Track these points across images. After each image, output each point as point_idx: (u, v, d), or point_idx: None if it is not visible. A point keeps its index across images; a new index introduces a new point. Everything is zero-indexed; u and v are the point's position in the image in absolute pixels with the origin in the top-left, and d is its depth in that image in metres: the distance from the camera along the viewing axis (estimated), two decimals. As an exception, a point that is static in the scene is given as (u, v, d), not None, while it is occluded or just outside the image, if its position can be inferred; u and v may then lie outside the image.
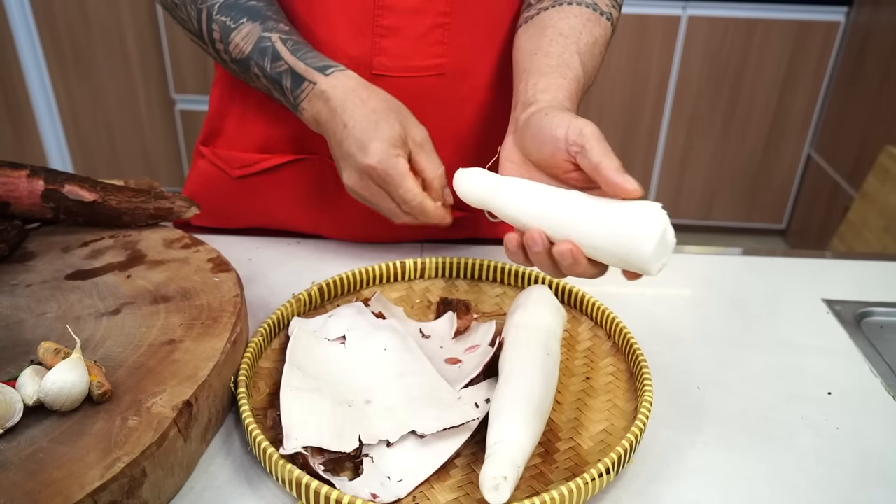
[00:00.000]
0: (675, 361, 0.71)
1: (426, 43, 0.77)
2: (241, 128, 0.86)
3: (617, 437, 0.60)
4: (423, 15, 0.76)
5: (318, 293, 0.74)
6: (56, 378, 0.52)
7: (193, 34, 0.77)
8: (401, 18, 0.75)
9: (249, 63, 0.73)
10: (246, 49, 0.72)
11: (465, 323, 0.71)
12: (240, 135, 0.86)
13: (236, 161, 0.87)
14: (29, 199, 0.73)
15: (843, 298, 0.82)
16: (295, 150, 0.85)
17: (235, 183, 0.88)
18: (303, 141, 0.83)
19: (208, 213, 0.93)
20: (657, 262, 0.50)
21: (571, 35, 0.71)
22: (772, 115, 2.61)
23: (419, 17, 0.76)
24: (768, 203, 2.78)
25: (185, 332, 0.62)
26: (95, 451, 0.50)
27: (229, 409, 0.62)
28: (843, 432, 0.64)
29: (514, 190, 0.57)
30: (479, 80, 0.81)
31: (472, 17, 0.77)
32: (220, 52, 0.75)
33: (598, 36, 0.72)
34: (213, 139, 0.89)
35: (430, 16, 0.76)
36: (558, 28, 0.71)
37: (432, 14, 0.76)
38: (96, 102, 2.72)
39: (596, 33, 0.72)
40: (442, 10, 0.76)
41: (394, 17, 0.75)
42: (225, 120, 0.87)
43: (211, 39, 0.75)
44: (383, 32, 0.75)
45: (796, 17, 2.44)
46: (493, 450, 0.54)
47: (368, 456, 0.56)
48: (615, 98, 2.60)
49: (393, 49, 0.76)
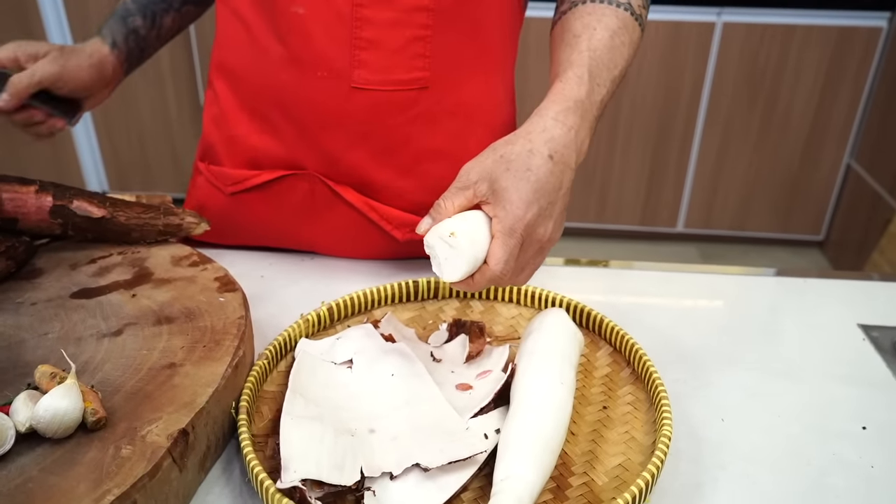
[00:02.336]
0: (697, 390, 0.68)
1: (407, 56, 0.75)
2: (232, 145, 0.85)
3: (633, 472, 0.57)
4: (402, 27, 0.74)
5: (328, 313, 0.72)
6: (49, 405, 0.51)
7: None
8: (380, 31, 0.73)
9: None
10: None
11: (478, 347, 0.69)
12: (231, 152, 0.86)
13: (228, 178, 0.86)
14: (37, 215, 0.72)
15: (880, 324, 0.78)
16: (284, 166, 0.83)
17: (230, 199, 0.87)
18: (292, 157, 0.82)
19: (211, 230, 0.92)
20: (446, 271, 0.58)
21: (584, 34, 0.68)
22: (810, 123, 2.53)
23: (399, 30, 0.74)
24: (806, 214, 2.70)
25: (187, 356, 0.60)
26: (86, 482, 0.48)
27: (230, 436, 0.61)
28: (879, 471, 0.59)
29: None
30: (464, 94, 0.78)
31: (454, 30, 0.75)
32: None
33: (615, 28, 0.69)
34: (208, 156, 0.89)
35: (411, 28, 0.74)
36: (573, 30, 0.69)
37: (412, 27, 0.74)
38: (129, 112, 2.75)
39: (613, 26, 0.69)
40: (422, 23, 0.74)
41: (373, 29, 0.73)
42: (216, 137, 0.87)
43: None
44: (362, 45, 0.74)
45: (836, 23, 2.37)
46: (499, 487, 0.51)
47: (370, 490, 0.54)
48: (647, 106, 2.55)
49: (373, 62, 0.74)
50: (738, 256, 2.75)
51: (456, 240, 0.57)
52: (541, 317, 0.67)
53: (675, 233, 2.80)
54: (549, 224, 0.60)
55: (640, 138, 2.62)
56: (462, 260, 0.57)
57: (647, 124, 2.59)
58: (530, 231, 0.58)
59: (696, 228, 2.77)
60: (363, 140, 0.78)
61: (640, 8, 0.72)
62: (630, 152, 2.65)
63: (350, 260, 0.88)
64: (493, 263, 0.57)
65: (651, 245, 2.82)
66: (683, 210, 2.74)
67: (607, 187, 2.72)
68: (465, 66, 0.77)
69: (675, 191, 2.70)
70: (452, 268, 0.58)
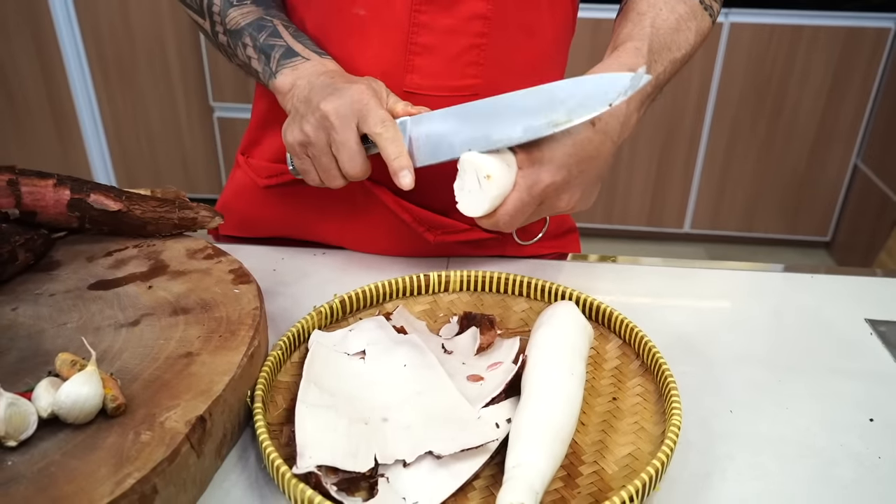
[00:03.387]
0: (707, 382, 0.68)
1: (461, 63, 0.75)
2: (276, 140, 0.86)
3: (643, 461, 0.58)
4: (459, 35, 0.74)
5: (340, 306, 0.73)
6: (70, 391, 0.52)
7: (191, 5, 0.80)
8: (437, 37, 0.74)
9: (242, 33, 0.75)
10: (242, 23, 0.75)
11: (489, 339, 0.69)
12: (274, 147, 0.87)
13: (264, 171, 0.87)
14: (55, 209, 0.73)
15: (888, 319, 0.78)
16: None
17: (264, 192, 0.88)
18: None
19: (238, 223, 0.93)
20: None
21: (649, 12, 0.70)
22: (817, 124, 2.53)
23: (455, 37, 0.74)
24: (813, 215, 2.70)
25: (203, 345, 0.61)
26: (107, 466, 0.49)
27: (246, 424, 0.61)
28: (886, 462, 0.60)
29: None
30: None
31: (509, 39, 0.76)
32: (214, 23, 0.78)
33: (682, 13, 0.70)
34: (251, 149, 0.90)
35: (467, 36, 0.75)
36: (637, 9, 0.71)
37: (469, 35, 0.74)
38: (138, 112, 2.77)
39: (680, 10, 0.70)
40: (479, 31, 0.74)
41: (430, 35, 0.74)
42: (265, 132, 0.88)
43: (210, 11, 0.78)
44: (418, 50, 0.74)
45: (844, 24, 2.37)
46: (511, 474, 0.52)
47: (384, 476, 0.55)
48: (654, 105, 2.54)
49: (426, 67, 0.75)
50: (745, 257, 2.75)
51: (489, 184, 0.60)
52: (551, 309, 0.68)
53: (682, 233, 2.81)
54: (577, 192, 0.60)
55: (647, 138, 2.62)
56: (483, 203, 0.62)
57: (654, 124, 2.60)
58: (552, 195, 0.59)
59: (703, 229, 2.77)
60: None
61: (718, 4, 0.73)
62: (637, 152, 2.65)
63: (361, 255, 0.89)
64: (501, 213, 0.59)
65: (658, 245, 2.83)
66: (690, 210, 2.74)
67: (615, 187, 2.72)
68: (517, 74, 0.77)
69: (682, 191, 2.71)
70: (470, 203, 0.63)
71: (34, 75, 2.70)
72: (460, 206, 0.64)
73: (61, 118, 2.76)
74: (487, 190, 0.62)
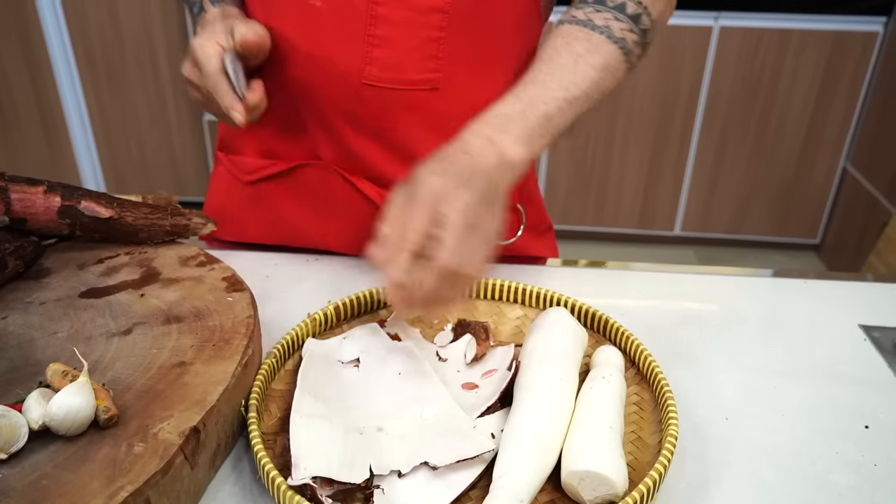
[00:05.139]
0: (702, 389, 0.68)
1: (419, 56, 0.75)
2: (250, 133, 0.86)
3: (640, 472, 0.57)
4: (417, 28, 0.74)
5: (334, 312, 0.73)
6: (62, 402, 0.51)
7: None
8: (394, 30, 0.74)
9: None
10: None
11: (483, 349, 0.69)
12: (249, 140, 0.87)
13: (245, 166, 0.88)
14: (45, 216, 0.72)
15: (881, 324, 0.79)
16: (301, 156, 0.85)
17: (247, 189, 0.89)
18: (309, 148, 0.84)
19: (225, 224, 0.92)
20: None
21: (544, 55, 0.71)
22: (806, 127, 2.55)
23: (413, 30, 0.74)
24: (802, 217, 2.72)
25: (196, 354, 0.61)
26: (99, 479, 0.49)
27: (240, 434, 0.61)
28: (882, 469, 0.60)
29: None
30: (476, 97, 0.79)
31: (468, 33, 0.76)
32: None
33: (580, 52, 0.70)
34: (227, 144, 0.91)
35: (425, 29, 0.74)
36: (539, 55, 0.71)
37: (427, 28, 0.74)
38: (127, 115, 2.75)
39: (578, 49, 0.70)
40: (437, 25, 0.74)
41: (387, 27, 0.74)
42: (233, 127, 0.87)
43: None
44: (375, 42, 0.74)
45: (833, 28, 2.39)
46: (497, 484, 0.52)
47: (379, 487, 0.54)
48: (645, 109, 2.56)
49: (384, 60, 0.75)
50: (734, 259, 2.76)
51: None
52: (543, 315, 0.68)
53: (672, 236, 2.81)
54: (447, 180, 0.59)
55: (637, 141, 2.63)
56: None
57: (644, 127, 2.60)
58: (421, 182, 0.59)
59: (693, 231, 2.78)
60: (376, 137, 0.79)
61: (634, 43, 0.72)
62: (628, 155, 2.66)
63: (355, 260, 0.88)
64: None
65: (648, 248, 2.83)
66: (681, 213, 2.75)
67: (605, 190, 2.73)
68: (478, 70, 0.78)
69: (672, 194, 2.71)
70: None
71: (22, 78, 2.68)
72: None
73: (50, 122, 2.74)
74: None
